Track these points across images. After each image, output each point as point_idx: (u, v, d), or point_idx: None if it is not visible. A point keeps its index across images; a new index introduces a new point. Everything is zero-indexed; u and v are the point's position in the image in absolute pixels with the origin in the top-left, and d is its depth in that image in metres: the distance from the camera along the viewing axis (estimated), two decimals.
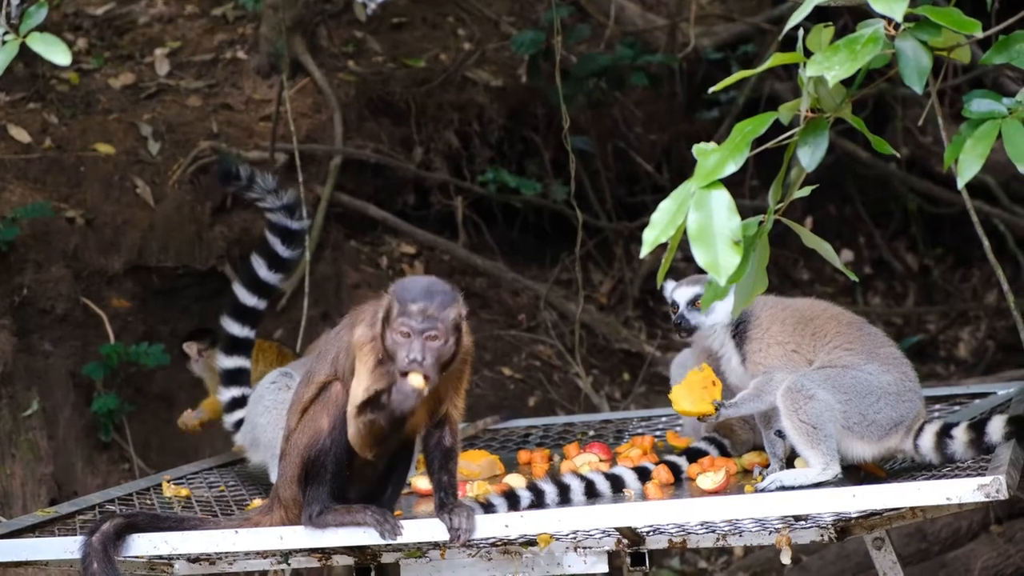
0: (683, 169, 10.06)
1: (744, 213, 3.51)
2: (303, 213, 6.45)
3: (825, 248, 3.59)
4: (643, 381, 9.60)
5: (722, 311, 5.21)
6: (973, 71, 9.80)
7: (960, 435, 4.95)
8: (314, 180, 9.12)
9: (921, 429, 5.01)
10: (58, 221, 8.30)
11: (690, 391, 5.14)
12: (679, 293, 5.25)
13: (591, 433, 6.52)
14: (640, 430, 6.46)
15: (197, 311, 8.52)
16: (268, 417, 5.84)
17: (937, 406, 6.02)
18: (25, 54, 3.87)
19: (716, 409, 5.08)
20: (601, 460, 5.69)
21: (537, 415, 8.48)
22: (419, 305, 4.55)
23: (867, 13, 3.45)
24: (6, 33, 3.78)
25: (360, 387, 4.66)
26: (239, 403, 6.32)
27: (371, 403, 4.64)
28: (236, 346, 6.36)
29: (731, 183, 3.41)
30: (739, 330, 5.19)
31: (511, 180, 9.69)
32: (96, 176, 8.61)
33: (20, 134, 8.68)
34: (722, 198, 3.33)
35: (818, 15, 3.62)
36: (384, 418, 4.62)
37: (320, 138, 9.34)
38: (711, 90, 3.65)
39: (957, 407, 6.04)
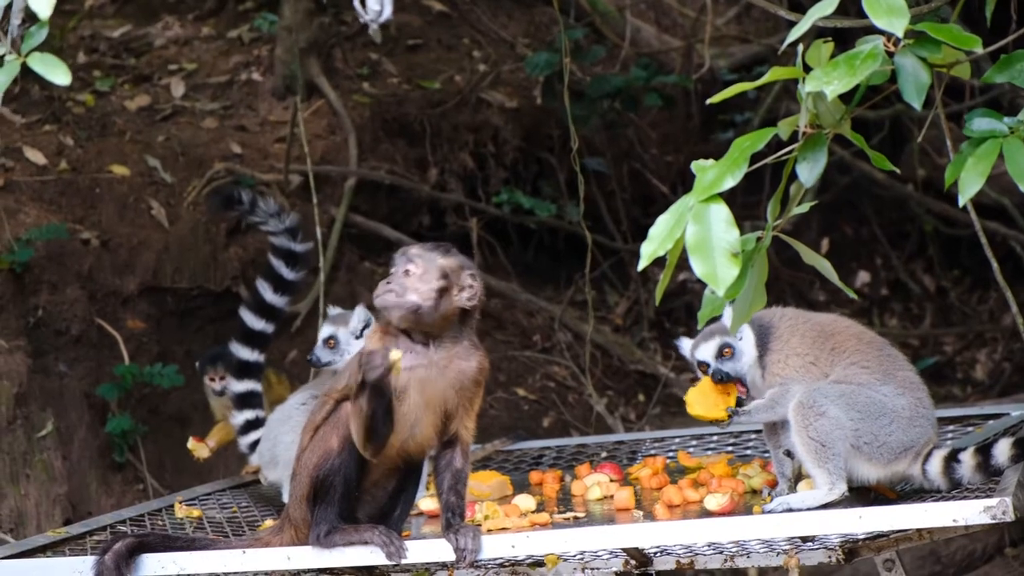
0: None
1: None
2: (315, 235, 6.48)
3: (823, 265, 3.59)
4: (658, 402, 9.57)
5: (748, 349, 5.16)
6: (990, 91, 9.76)
7: (967, 459, 4.92)
8: (329, 201, 9.12)
9: (930, 454, 4.99)
10: (73, 243, 8.32)
11: (704, 396, 5.10)
12: (702, 352, 5.15)
13: (604, 454, 6.50)
14: (653, 451, 6.45)
15: (212, 332, 8.53)
16: (293, 436, 5.84)
17: (951, 427, 5.99)
18: (41, 76, 3.88)
19: (729, 416, 5.05)
20: (612, 480, 5.69)
21: (552, 436, 8.47)
22: (408, 250, 4.61)
23: (870, 30, 3.45)
24: (7, 53, 3.79)
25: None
26: (253, 425, 6.37)
27: (357, 391, 4.62)
28: (246, 370, 6.42)
29: (744, 204, 3.43)
30: (760, 343, 5.15)
31: (526, 201, 9.67)
32: (111, 197, 8.62)
33: (36, 156, 8.70)
34: (720, 211, 3.33)
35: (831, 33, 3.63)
36: (366, 401, 4.60)
37: (335, 160, 9.35)
38: (708, 101, 3.66)
39: (970, 428, 6.01)
